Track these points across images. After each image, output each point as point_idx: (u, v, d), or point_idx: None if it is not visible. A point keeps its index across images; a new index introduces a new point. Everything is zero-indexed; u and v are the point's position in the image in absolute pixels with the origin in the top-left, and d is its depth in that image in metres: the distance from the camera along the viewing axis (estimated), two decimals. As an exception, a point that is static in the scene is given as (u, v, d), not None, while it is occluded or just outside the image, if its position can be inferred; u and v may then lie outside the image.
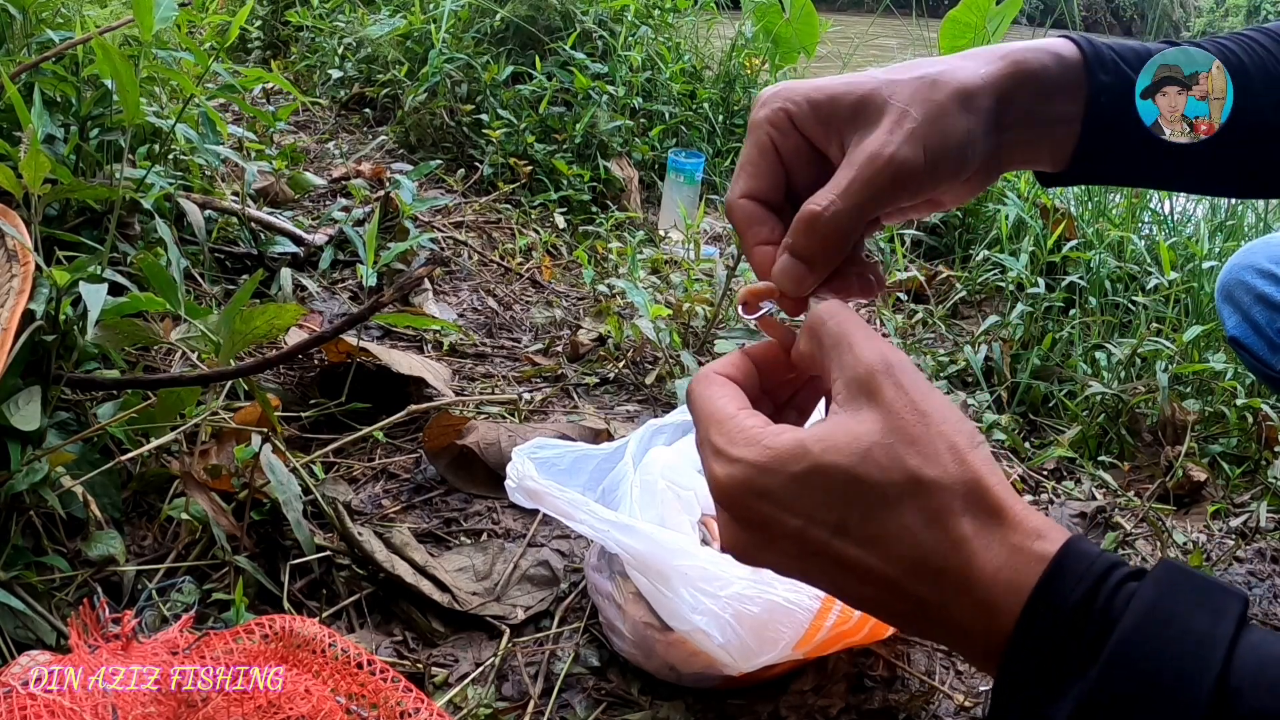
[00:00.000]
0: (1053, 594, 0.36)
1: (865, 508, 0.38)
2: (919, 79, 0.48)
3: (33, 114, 1.29)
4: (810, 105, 0.49)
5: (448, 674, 1.02)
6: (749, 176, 0.50)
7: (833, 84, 0.49)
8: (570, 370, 1.69)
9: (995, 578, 0.37)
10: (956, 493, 0.38)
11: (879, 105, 0.48)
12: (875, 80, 0.49)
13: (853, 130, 0.48)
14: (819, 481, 0.39)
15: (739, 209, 0.50)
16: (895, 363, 0.41)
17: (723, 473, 0.41)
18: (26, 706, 0.69)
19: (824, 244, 0.47)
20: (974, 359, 1.72)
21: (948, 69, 0.49)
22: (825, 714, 1.00)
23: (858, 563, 0.39)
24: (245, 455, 1.18)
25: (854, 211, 0.46)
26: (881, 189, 0.47)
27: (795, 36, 3.16)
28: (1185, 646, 0.33)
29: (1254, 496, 1.46)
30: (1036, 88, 0.52)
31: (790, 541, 0.40)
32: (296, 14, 3.43)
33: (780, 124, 0.49)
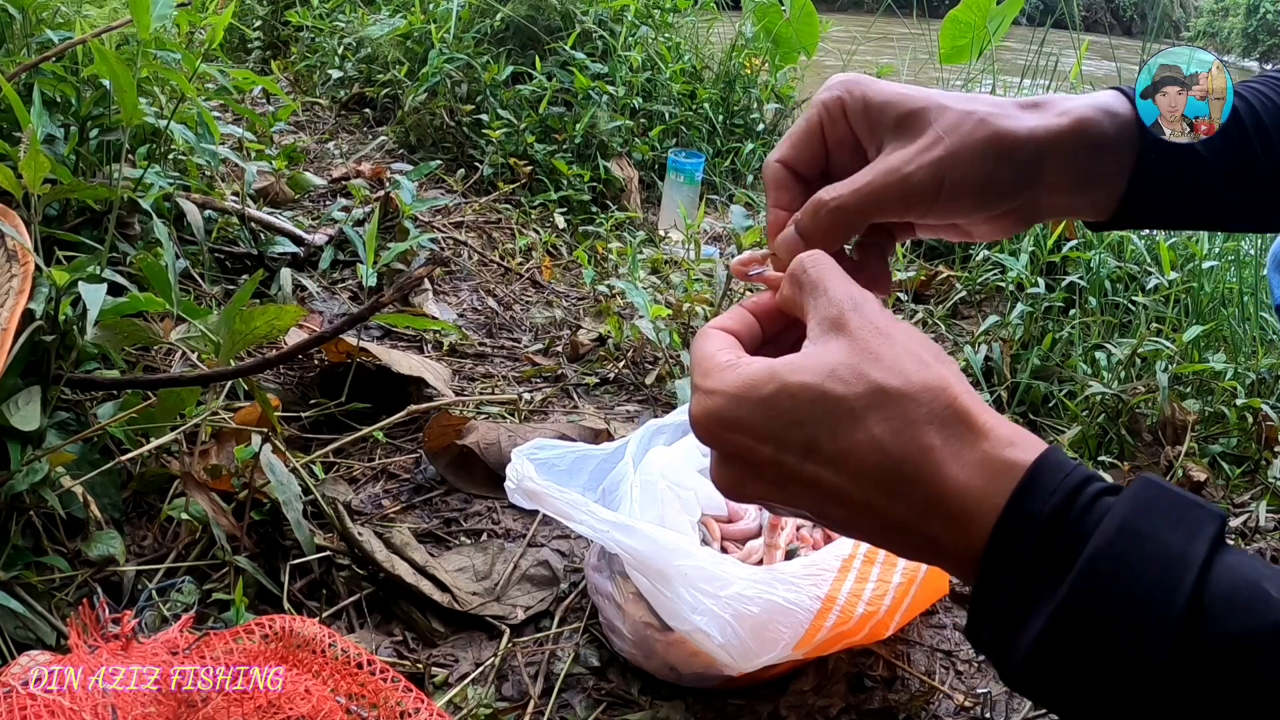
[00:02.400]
0: (1025, 507, 0.36)
1: (833, 424, 0.39)
2: (967, 113, 0.50)
3: (32, 114, 1.29)
4: (864, 104, 0.51)
5: (448, 674, 1.02)
6: (790, 145, 0.53)
7: (891, 91, 0.51)
8: (570, 370, 1.69)
9: (967, 488, 0.37)
10: (921, 401, 0.39)
11: (921, 124, 0.50)
12: (929, 100, 0.51)
13: (891, 138, 0.51)
14: (787, 403, 0.40)
15: (772, 170, 0.54)
16: (861, 300, 0.43)
17: (698, 407, 0.43)
18: (26, 706, 0.69)
19: (823, 230, 0.50)
20: (974, 359, 1.72)
21: (999, 114, 0.50)
22: (825, 714, 1.00)
23: (831, 485, 0.40)
24: (245, 455, 1.18)
25: (857, 211, 0.49)
26: (889, 201, 0.49)
27: (795, 36, 3.16)
28: (1158, 566, 0.33)
29: (1254, 496, 1.46)
30: (1089, 149, 0.52)
31: (768, 470, 0.41)
32: (296, 14, 3.43)
33: (834, 110, 0.52)
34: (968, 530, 0.37)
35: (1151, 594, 0.33)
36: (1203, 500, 0.36)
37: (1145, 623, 0.32)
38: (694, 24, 3.32)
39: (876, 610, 0.97)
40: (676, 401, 1.57)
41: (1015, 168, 0.50)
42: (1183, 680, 0.32)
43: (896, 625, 1.04)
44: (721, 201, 2.71)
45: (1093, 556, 0.34)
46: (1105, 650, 0.33)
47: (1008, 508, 0.36)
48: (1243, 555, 0.34)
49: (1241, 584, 0.33)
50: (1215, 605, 0.32)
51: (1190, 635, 0.32)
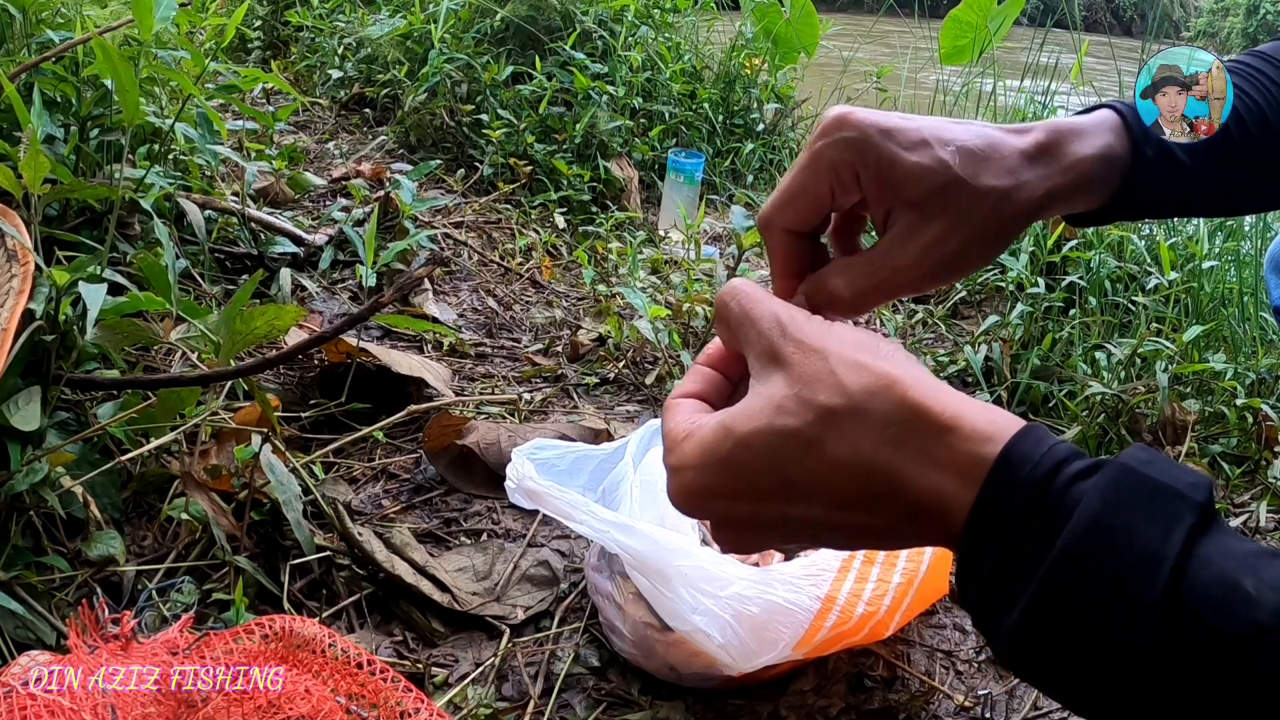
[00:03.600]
0: (994, 506, 0.36)
1: (795, 459, 0.39)
2: (987, 195, 0.49)
3: (33, 114, 1.29)
4: (879, 174, 0.49)
5: (448, 674, 1.02)
6: (797, 211, 0.50)
7: (908, 163, 0.48)
8: (570, 370, 1.69)
9: (940, 492, 0.37)
10: (871, 409, 0.38)
11: (941, 206, 0.49)
12: (947, 177, 0.49)
13: (908, 209, 0.49)
14: (746, 454, 0.40)
15: (780, 240, 0.51)
16: (787, 320, 0.42)
17: (671, 487, 0.43)
18: (26, 706, 0.69)
19: (839, 314, 0.50)
20: (974, 359, 1.72)
21: (1016, 186, 0.50)
22: (825, 714, 1.00)
23: (817, 518, 0.40)
24: (245, 455, 1.18)
25: (876, 299, 0.50)
26: (907, 289, 0.50)
27: (795, 36, 3.16)
28: (1132, 563, 0.32)
29: (1254, 496, 1.46)
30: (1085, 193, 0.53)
31: (755, 523, 0.41)
32: (296, 14, 3.43)
33: (845, 176, 0.49)
34: (950, 528, 0.37)
35: (1125, 593, 0.32)
36: (1184, 480, 0.34)
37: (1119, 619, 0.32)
38: (694, 24, 3.31)
39: (876, 610, 0.97)
40: (676, 401, 1.57)
41: (1022, 226, 0.51)
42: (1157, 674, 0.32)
43: (896, 625, 1.04)
44: (721, 201, 2.71)
45: (1069, 543, 0.33)
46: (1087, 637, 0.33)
47: (976, 507, 0.36)
48: (1224, 543, 0.33)
49: (1218, 582, 0.32)
50: (1189, 604, 0.32)
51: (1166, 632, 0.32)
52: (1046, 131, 0.52)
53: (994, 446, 0.36)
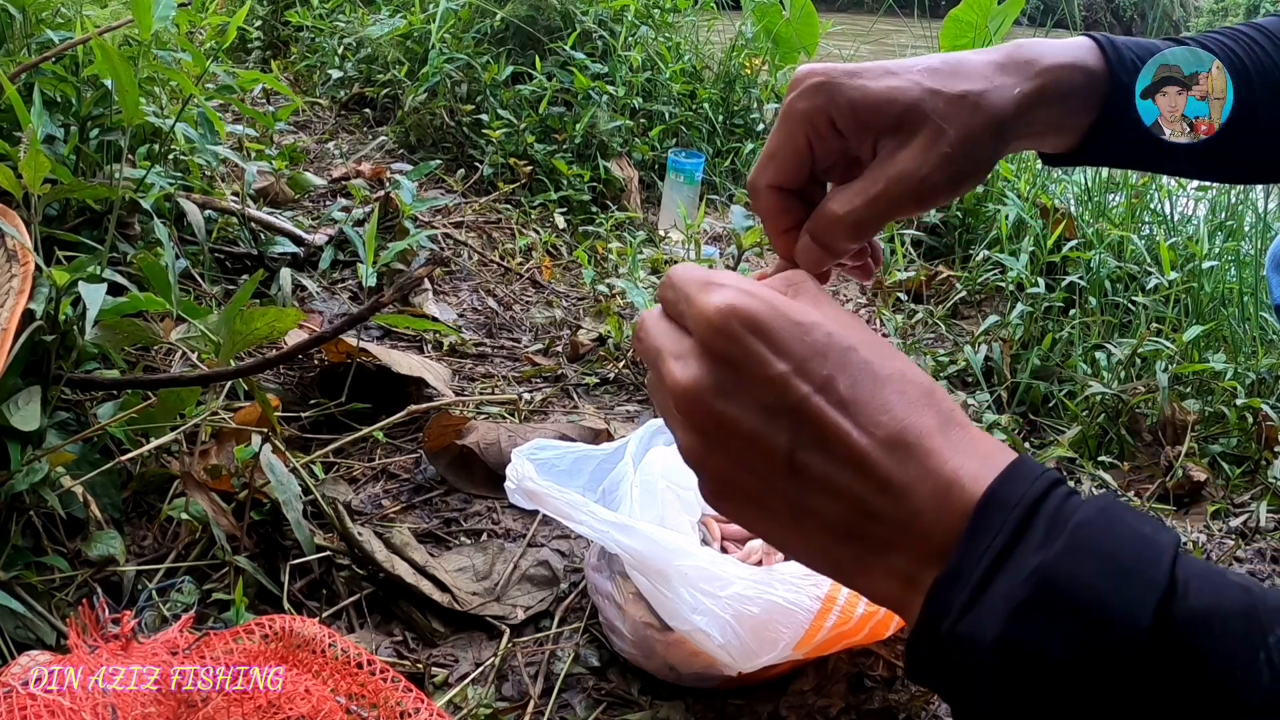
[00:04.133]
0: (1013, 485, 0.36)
1: (854, 375, 0.38)
2: (961, 97, 0.50)
3: (33, 114, 1.29)
4: (852, 110, 0.49)
5: (448, 674, 1.02)
6: (778, 169, 0.51)
7: (877, 89, 0.49)
8: (570, 370, 1.69)
9: (960, 467, 0.37)
10: (931, 395, 0.39)
11: (919, 119, 0.49)
12: (920, 89, 0.50)
13: (889, 137, 0.50)
14: (820, 335, 0.38)
15: (766, 197, 0.52)
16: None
17: (718, 298, 0.38)
18: (26, 706, 0.69)
19: (843, 240, 0.50)
20: (974, 359, 1.72)
21: (988, 89, 0.51)
22: (825, 714, 1.00)
23: (830, 426, 0.37)
24: (245, 455, 1.18)
25: (874, 219, 0.49)
26: (904, 204, 0.49)
27: (795, 36, 3.16)
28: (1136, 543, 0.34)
29: (1254, 496, 1.46)
30: (1061, 104, 0.54)
31: (767, 388, 0.37)
32: (296, 14, 3.43)
33: (819, 123, 0.50)
34: (951, 508, 0.36)
35: (1133, 565, 0.33)
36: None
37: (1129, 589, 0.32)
38: (694, 24, 3.31)
39: (876, 610, 0.97)
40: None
41: (1005, 136, 0.52)
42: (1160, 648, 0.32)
43: (896, 625, 1.04)
44: (721, 201, 2.71)
45: (1077, 526, 0.34)
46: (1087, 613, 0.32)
47: (997, 483, 0.36)
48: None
49: (1209, 570, 0.34)
50: (1190, 581, 0.33)
51: (1168, 603, 0.32)
52: (1014, 46, 0.54)
53: (1010, 454, 0.38)
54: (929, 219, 2.26)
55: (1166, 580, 0.32)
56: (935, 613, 0.35)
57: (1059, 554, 0.33)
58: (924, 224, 2.27)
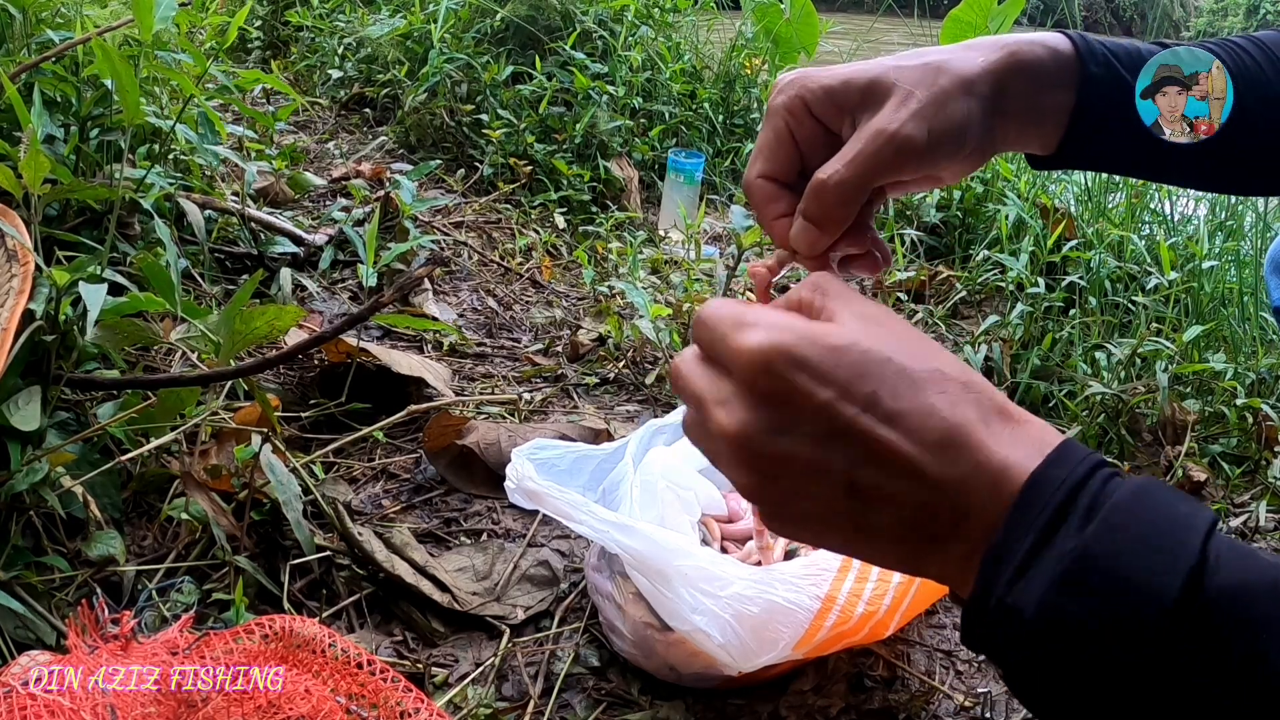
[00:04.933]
0: (1055, 471, 0.38)
1: (895, 386, 0.39)
2: (924, 65, 0.53)
3: (33, 114, 1.29)
4: (824, 91, 0.53)
5: (448, 674, 1.02)
6: (766, 159, 0.54)
7: (844, 70, 0.53)
8: (570, 370, 1.69)
9: (1007, 458, 0.38)
10: (972, 387, 0.40)
11: (887, 87, 0.52)
12: (883, 65, 0.53)
13: (862, 110, 0.52)
14: (857, 355, 0.40)
15: (757, 188, 0.54)
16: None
17: (754, 339, 0.40)
18: (26, 706, 0.69)
19: (832, 208, 0.51)
20: (974, 359, 1.72)
21: (951, 57, 0.54)
22: (825, 714, 1.00)
23: (882, 442, 0.38)
24: (245, 455, 1.18)
25: (858, 180, 0.50)
26: (885, 161, 0.51)
27: (795, 36, 3.16)
28: (1169, 522, 0.36)
29: (1254, 496, 1.46)
30: (1031, 78, 0.56)
31: (816, 418, 0.39)
32: (296, 14, 3.43)
33: (796, 110, 0.53)
34: (1001, 495, 0.38)
35: (1165, 543, 0.35)
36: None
37: (1159, 565, 0.34)
38: (694, 24, 3.31)
39: (876, 610, 0.97)
40: (677, 401, 1.57)
41: (979, 101, 0.53)
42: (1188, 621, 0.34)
43: (896, 625, 1.04)
44: (721, 201, 2.71)
45: (1114, 507, 0.36)
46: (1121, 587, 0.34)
47: (1041, 467, 0.38)
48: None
49: (1242, 548, 0.36)
50: (1221, 558, 0.35)
51: (1198, 579, 0.34)
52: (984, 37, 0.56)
53: (1055, 437, 0.40)
54: (929, 219, 2.26)
55: (1197, 556, 0.34)
56: (984, 587, 0.38)
57: (1096, 532, 0.35)
58: (924, 224, 2.27)
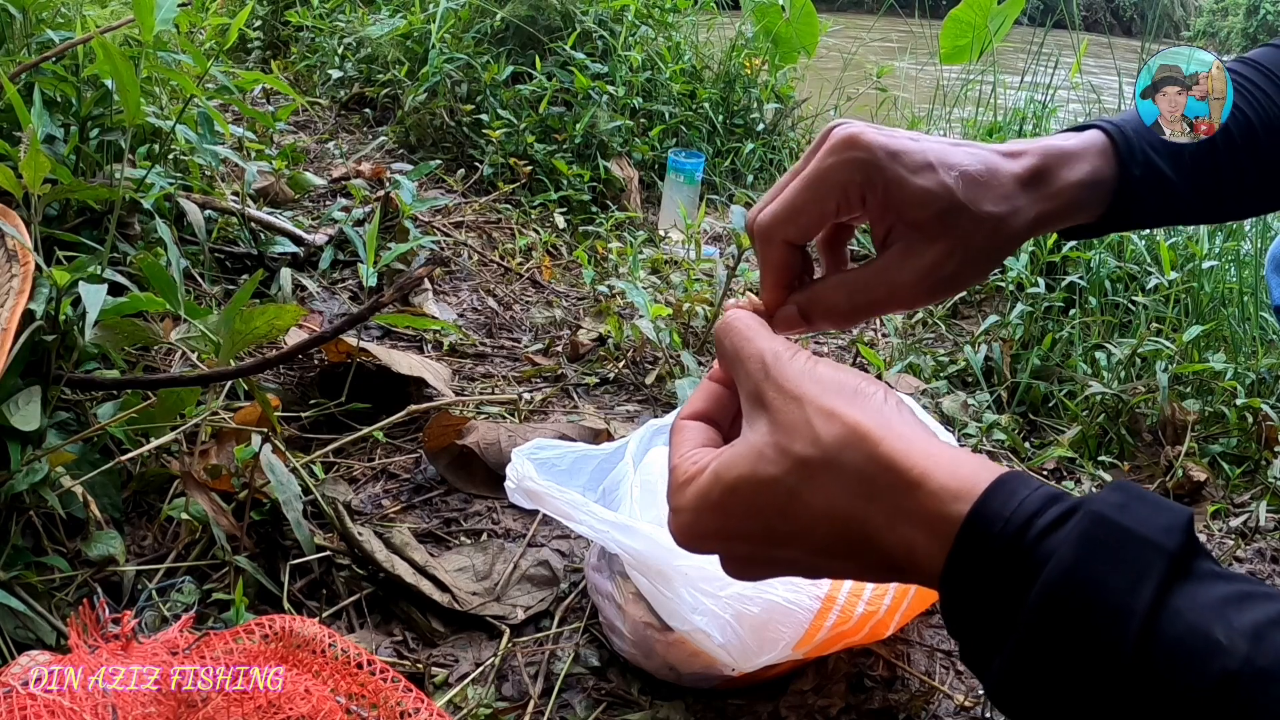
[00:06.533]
0: (966, 565, 0.36)
1: (778, 507, 0.40)
2: (984, 221, 0.51)
3: (33, 114, 1.29)
4: (886, 197, 0.50)
5: (448, 674, 1.02)
6: (800, 228, 0.51)
7: (914, 188, 0.49)
8: (570, 370, 1.69)
9: (912, 544, 0.37)
10: (844, 462, 0.39)
11: (941, 230, 0.50)
12: (950, 200, 0.50)
13: (909, 230, 0.50)
14: (733, 500, 0.41)
15: (779, 251, 0.51)
16: (771, 361, 0.43)
17: (673, 526, 0.44)
18: (26, 706, 0.69)
19: (832, 326, 0.53)
20: (974, 359, 1.72)
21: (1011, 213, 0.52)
22: (825, 714, 1.00)
23: (802, 560, 0.41)
24: (245, 455, 1.18)
25: (868, 314, 0.52)
26: (892, 308, 0.52)
27: (795, 36, 3.16)
28: (1103, 617, 0.32)
29: (1254, 496, 1.46)
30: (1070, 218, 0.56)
31: (751, 560, 0.43)
32: (296, 14, 3.43)
33: (853, 197, 0.50)
34: (927, 577, 0.38)
35: (1097, 648, 0.32)
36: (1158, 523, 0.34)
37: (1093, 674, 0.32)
38: (694, 24, 3.31)
39: (876, 610, 0.97)
40: (676, 401, 1.57)
41: (1012, 250, 0.53)
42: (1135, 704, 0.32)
43: (896, 625, 1.04)
44: (721, 201, 2.71)
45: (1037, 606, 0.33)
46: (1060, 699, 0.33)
47: (948, 565, 0.36)
48: (1195, 593, 0.33)
49: (1188, 633, 0.32)
50: (1160, 659, 0.31)
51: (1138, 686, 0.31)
52: (1039, 156, 0.54)
53: (963, 505, 0.36)
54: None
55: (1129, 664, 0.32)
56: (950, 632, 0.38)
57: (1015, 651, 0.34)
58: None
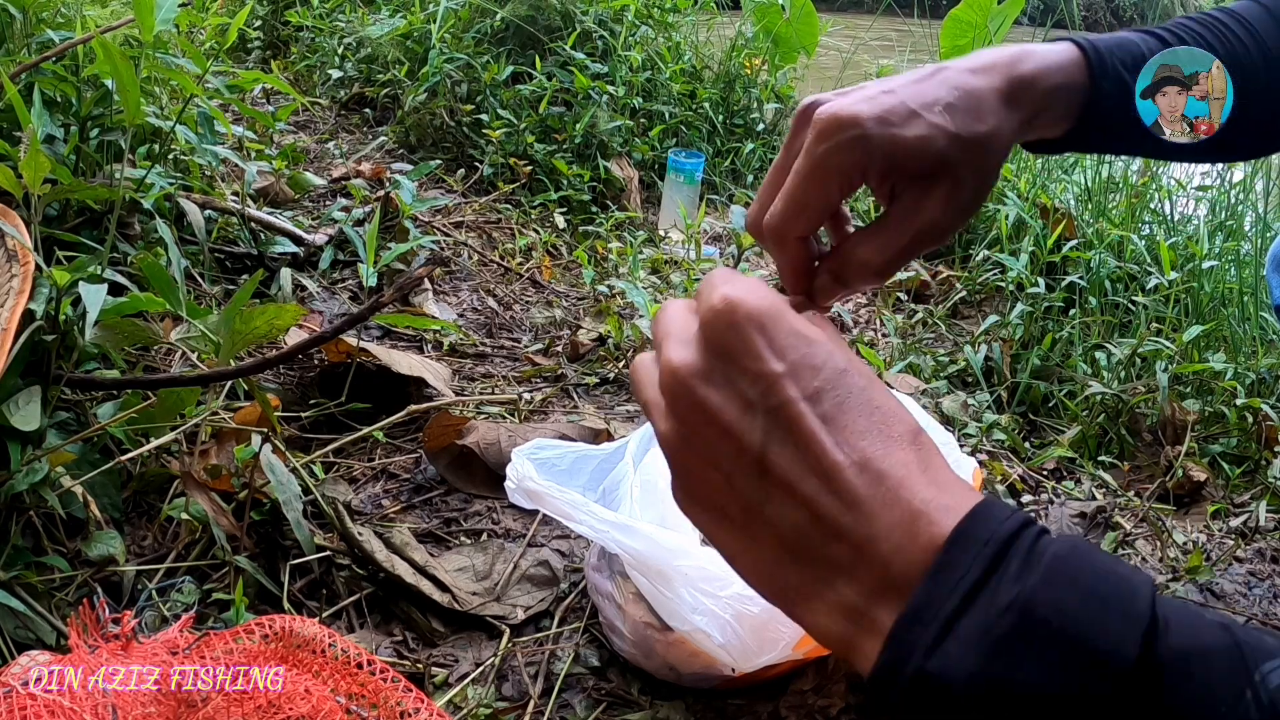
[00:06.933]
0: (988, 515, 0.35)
1: (842, 396, 0.37)
2: (977, 143, 0.53)
3: (33, 114, 1.29)
4: (886, 163, 0.51)
5: (448, 674, 1.02)
6: (809, 220, 0.51)
7: (909, 141, 0.51)
8: (570, 370, 1.69)
9: (927, 502, 0.35)
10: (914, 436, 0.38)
11: (942, 169, 0.52)
12: (944, 139, 0.52)
13: (911, 184, 0.52)
14: (821, 352, 0.38)
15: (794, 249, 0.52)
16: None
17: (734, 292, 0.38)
18: (26, 706, 0.69)
19: (869, 282, 0.53)
20: (974, 359, 1.72)
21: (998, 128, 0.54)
22: (825, 714, 1.00)
23: (810, 433, 0.36)
24: (245, 455, 1.18)
25: (900, 263, 0.53)
26: (925, 246, 0.53)
27: (795, 36, 3.16)
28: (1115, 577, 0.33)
29: (1254, 496, 1.46)
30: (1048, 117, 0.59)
31: (754, 384, 0.37)
32: (296, 14, 3.43)
33: (854, 177, 0.51)
34: (915, 539, 0.35)
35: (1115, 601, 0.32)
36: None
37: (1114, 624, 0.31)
38: (694, 24, 3.31)
39: (876, 610, 0.97)
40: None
41: (1004, 160, 0.56)
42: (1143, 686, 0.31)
43: (896, 625, 1.04)
44: (721, 201, 2.71)
45: (1055, 559, 0.33)
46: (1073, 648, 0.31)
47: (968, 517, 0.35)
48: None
49: (1187, 608, 0.33)
50: (1170, 620, 0.32)
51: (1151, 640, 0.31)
52: (1010, 67, 0.56)
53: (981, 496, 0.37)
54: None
55: (1149, 615, 0.32)
56: (899, 652, 0.33)
57: (1038, 584, 0.32)
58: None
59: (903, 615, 0.33)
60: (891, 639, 0.33)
